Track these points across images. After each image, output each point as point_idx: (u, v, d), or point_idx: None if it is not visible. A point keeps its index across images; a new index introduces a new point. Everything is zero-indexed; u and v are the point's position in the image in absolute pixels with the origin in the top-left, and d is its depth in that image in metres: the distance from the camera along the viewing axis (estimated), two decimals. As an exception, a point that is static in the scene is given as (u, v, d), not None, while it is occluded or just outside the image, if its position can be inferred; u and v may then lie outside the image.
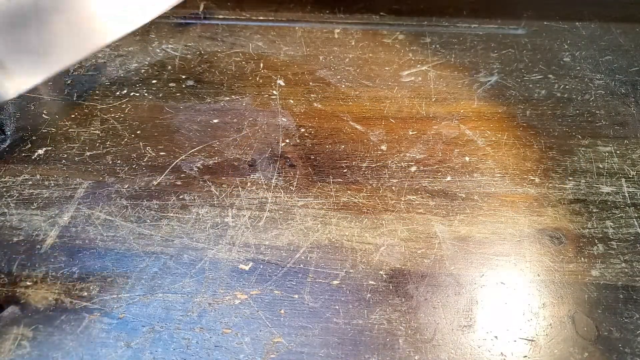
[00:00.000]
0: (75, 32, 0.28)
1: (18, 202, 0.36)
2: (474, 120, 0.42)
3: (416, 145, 0.40)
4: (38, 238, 0.34)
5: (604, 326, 0.30)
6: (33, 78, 0.27)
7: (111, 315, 0.30)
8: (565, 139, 0.41)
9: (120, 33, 0.31)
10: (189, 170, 0.38)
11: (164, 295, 0.31)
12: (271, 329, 0.29)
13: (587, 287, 0.31)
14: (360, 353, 0.29)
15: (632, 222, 0.35)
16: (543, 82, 0.46)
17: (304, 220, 0.35)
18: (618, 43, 0.51)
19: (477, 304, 0.31)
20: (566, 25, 0.53)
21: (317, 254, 0.33)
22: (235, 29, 0.53)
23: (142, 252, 0.33)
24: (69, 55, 0.28)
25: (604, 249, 0.33)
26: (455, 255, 0.33)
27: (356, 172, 0.38)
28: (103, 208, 0.36)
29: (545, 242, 0.34)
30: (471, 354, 0.29)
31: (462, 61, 0.48)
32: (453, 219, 0.35)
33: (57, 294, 0.31)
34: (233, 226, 0.35)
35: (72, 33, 0.28)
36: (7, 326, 0.30)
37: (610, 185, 0.37)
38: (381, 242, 0.34)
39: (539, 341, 0.29)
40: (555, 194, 0.37)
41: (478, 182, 0.37)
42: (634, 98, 0.44)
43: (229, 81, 0.46)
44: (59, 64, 0.28)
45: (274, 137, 0.41)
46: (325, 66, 0.48)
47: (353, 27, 0.53)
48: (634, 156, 0.39)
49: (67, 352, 0.28)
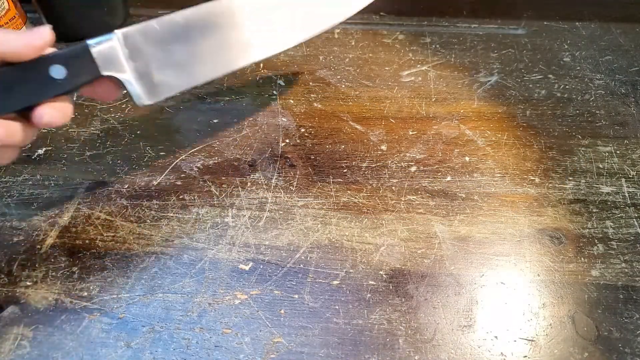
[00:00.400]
0: (221, 50, 0.31)
1: (18, 202, 0.36)
2: (474, 120, 0.42)
3: (416, 145, 0.40)
4: (38, 238, 0.34)
5: (604, 326, 0.30)
6: (173, 89, 0.30)
7: (111, 315, 0.30)
8: (565, 139, 0.41)
9: (266, 54, 0.33)
10: (189, 170, 0.38)
11: (164, 295, 0.31)
12: (271, 329, 0.29)
13: (587, 287, 0.31)
14: (360, 353, 0.29)
15: (632, 222, 0.35)
16: (543, 82, 0.46)
17: (304, 220, 0.35)
18: (618, 43, 0.51)
19: (477, 304, 0.31)
20: (566, 25, 0.53)
21: (317, 254, 0.33)
22: (235, 29, 0.53)
23: (142, 252, 0.33)
24: (211, 71, 0.31)
25: (604, 249, 0.33)
26: (455, 255, 0.33)
27: (356, 172, 0.38)
28: (103, 208, 0.36)
29: (545, 242, 0.34)
30: (471, 354, 0.29)
31: (462, 61, 0.48)
32: (453, 219, 0.35)
33: (57, 294, 0.31)
34: (233, 226, 0.35)
35: (217, 51, 0.30)
36: (7, 326, 0.30)
37: (610, 185, 0.37)
38: (381, 242, 0.34)
39: (539, 341, 0.29)
40: (555, 194, 0.37)
41: (478, 182, 0.37)
42: (634, 98, 0.44)
43: (229, 81, 0.46)
44: (201, 78, 0.31)
45: (274, 137, 0.41)
46: (325, 66, 0.48)
47: (353, 27, 0.53)
48: (634, 156, 0.39)
49: (67, 352, 0.28)
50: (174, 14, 0.29)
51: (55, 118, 0.27)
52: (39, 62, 0.26)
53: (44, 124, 0.26)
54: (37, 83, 0.26)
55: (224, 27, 0.30)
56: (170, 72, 0.30)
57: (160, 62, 0.29)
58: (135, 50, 0.28)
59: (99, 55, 0.27)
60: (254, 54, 0.32)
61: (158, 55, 0.29)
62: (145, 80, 0.29)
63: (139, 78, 0.29)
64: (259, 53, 0.32)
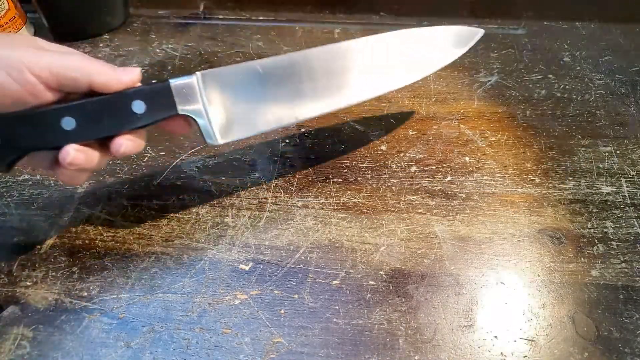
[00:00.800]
0: (293, 100, 0.32)
1: (18, 202, 0.36)
2: (474, 120, 0.42)
3: (416, 145, 0.40)
4: (38, 238, 0.34)
5: (604, 326, 0.30)
6: (244, 132, 0.31)
7: (111, 315, 0.30)
8: (565, 139, 0.41)
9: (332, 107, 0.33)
10: (189, 170, 0.38)
11: (164, 295, 0.31)
12: (271, 329, 0.29)
13: (587, 287, 0.31)
14: (360, 353, 0.29)
15: (632, 222, 0.35)
16: (543, 82, 0.46)
17: (304, 220, 0.35)
18: (618, 43, 0.51)
19: (477, 304, 0.31)
20: (566, 25, 0.53)
21: (317, 254, 0.33)
22: (235, 29, 0.53)
23: (142, 252, 0.33)
24: (281, 119, 0.32)
25: (604, 249, 0.33)
26: (455, 255, 0.33)
27: (356, 172, 0.38)
28: (103, 208, 0.36)
29: (545, 242, 0.34)
30: (471, 354, 0.29)
31: (462, 61, 0.48)
32: (453, 219, 0.35)
33: (57, 294, 0.31)
34: (233, 226, 0.35)
35: (289, 101, 0.32)
36: (7, 326, 0.30)
37: (610, 185, 0.37)
38: (381, 242, 0.34)
39: (539, 341, 0.29)
40: (555, 194, 0.37)
41: (478, 182, 0.37)
42: (634, 98, 0.44)
43: (229, 81, 0.46)
44: (272, 125, 0.32)
45: (274, 137, 0.41)
46: (325, 66, 0.48)
47: (353, 27, 0.53)
48: (634, 156, 0.39)
49: (67, 352, 0.28)
50: (254, 62, 0.31)
51: (131, 149, 0.28)
52: (123, 97, 0.28)
53: (120, 153, 0.28)
54: (120, 116, 0.28)
55: (298, 78, 0.32)
56: (243, 117, 0.31)
57: (235, 106, 0.31)
58: (213, 92, 0.30)
59: (178, 94, 0.29)
60: (320, 106, 0.33)
61: (234, 99, 0.31)
62: (219, 122, 0.30)
63: (214, 119, 0.30)
64: (326, 105, 0.33)
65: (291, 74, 0.31)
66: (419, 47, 0.35)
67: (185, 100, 0.29)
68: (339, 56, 0.33)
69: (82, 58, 0.27)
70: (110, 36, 0.52)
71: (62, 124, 0.27)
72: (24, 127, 0.26)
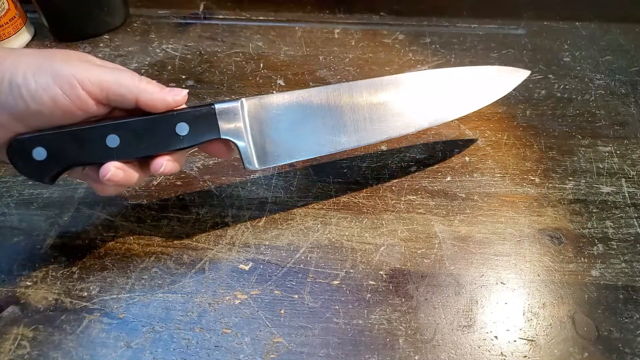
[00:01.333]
0: (333, 130, 0.32)
1: (18, 202, 0.36)
2: (474, 120, 0.42)
3: (416, 145, 0.40)
4: (38, 238, 0.34)
5: (604, 326, 0.30)
6: (283, 159, 0.31)
7: (111, 315, 0.30)
8: (565, 139, 0.41)
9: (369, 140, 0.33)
10: (189, 170, 0.38)
11: (164, 295, 0.31)
12: (271, 329, 0.29)
13: (587, 287, 0.31)
14: (360, 353, 0.29)
15: (632, 222, 0.35)
16: (543, 82, 0.46)
17: (304, 220, 0.35)
18: (618, 43, 0.51)
19: (477, 304, 0.31)
20: (566, 25, 0.53)
21: (317, 254, 0.33)
22: (235, 29, 0.53)
23: (142, 252, 0.33)
24: (320, 149, 0.32)
25: (604, 249, 0.33)
26: (455, 255, 0.33)
27: (356, 172, 0.38)
28: (103, 208, 0.36)
29: (545, 242, 0.34)
30: (471, 354, 0.29)
31: (462, 61, 0.48)
32: (453, 219, 0.35)
33: (57, 294, 0.31)
34: (233, 226, 0.35)
35: (329, 131, 0.32)
36: (7, 326, 0.30)
37: (610, 185, 0.37)
38: (381, 242, 0.34)
39: (539, 341, 0.29)
40: (555, 194, 0.37)
41: (478, 182, 0.37)
42: (634, 98, 0.44)
43: (229, 81, 0.46)
44: (311, 154, 0.32)
45: (274, 137, 0.41)
46: (325, 66, 0.48)
47: (353, 27, 0.53)
48: (634, 156, 0.39)
49: (67, 352, 0.28)
50: (297, 92, 0.31)
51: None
52: (168, 118, 0.28)
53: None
54: (163, 137, 0.28)
55: (341, 109, 0.32)
56: (283, 145, 0.31)
57: (275, 134, 0.31)
58: (256, 119, 0.30)
59: (222, 119, 0.29)
60: (361, 138, 0.33)
61: (275, 127, 0.31)
62: (259, 148, 0.31)
63: (254, 145, 0.31)
64: (366, 137, 0.33)
65: (335, 105, 0.32)
66: (463, 86, 0.35)
67: (228, 124, 0.29)
68: (384, 89, 0.33)
69: (132, 75, 0.27)
70: (110, 36, 0.52)
71: (107, 141, 0.27)
72: (70, 143, 0.27)
